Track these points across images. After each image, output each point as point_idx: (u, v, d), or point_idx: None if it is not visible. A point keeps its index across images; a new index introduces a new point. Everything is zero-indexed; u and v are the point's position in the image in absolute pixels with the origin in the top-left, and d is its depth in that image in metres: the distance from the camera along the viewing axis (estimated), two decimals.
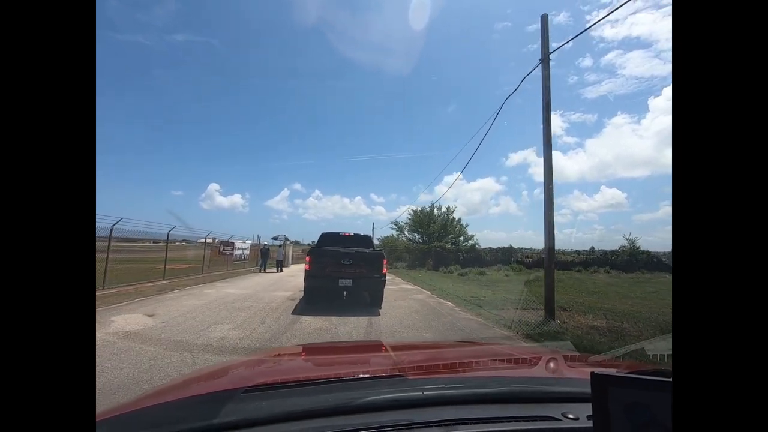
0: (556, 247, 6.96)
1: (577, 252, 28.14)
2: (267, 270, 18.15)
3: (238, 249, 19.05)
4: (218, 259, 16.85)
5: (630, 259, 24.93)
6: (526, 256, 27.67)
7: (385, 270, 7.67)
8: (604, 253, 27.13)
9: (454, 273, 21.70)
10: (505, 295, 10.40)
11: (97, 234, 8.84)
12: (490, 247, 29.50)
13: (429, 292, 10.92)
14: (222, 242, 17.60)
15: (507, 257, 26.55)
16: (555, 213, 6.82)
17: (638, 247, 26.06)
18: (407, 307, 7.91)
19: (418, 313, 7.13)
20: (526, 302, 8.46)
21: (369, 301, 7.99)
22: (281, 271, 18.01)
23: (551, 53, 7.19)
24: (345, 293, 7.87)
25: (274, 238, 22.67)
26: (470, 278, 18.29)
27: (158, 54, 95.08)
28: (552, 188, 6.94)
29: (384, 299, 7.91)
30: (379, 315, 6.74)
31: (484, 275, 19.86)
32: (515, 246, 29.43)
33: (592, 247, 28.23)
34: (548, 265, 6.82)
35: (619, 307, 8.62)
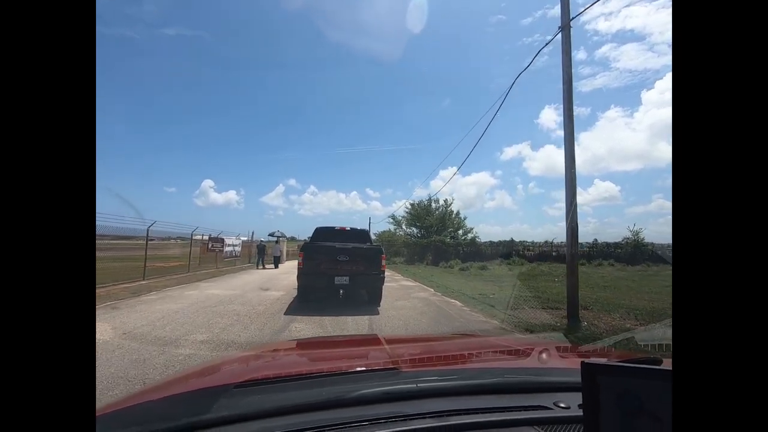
0: (556, 240, 6.28)
1: (580, 244, 27.49)
2: (265, 266, 17.64)
3: (229, 246, 18.12)
4: (207, 256, 15.94)
5: (634, 252, 24.26)
6: (528, 249, 27.09)
7: (384, 266, 6.96)
8: (607, 245, 26.42)
9: (455, 268, 20.96)
10: (514, 292, 9.66)
11: None
12: (490, 241, 28.76)
13: (432, 290, 10.15)
14: (211, 238, 16.64)
15: (508, 251, 25.78)
16: (549, 207, 6.25)
17: (642, 239, 25.37)
18: (411, 307, 7.11)
19: (425, 315, 6.33)
20: (543, 301, 7.72)
21: (367, 299, 7.23)
22: (277, 267, 17.45)
23: (572, 19, 6.36)
24: (341, 292, 7.24)
25: (271, 235, 22.06)
26: (473, 273, 17.52)
27: (152, 50, 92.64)
28: (574, 171, 6.10)
29: (384, 298, 7.20)
30: (381, 317, 5.94)
31: (487, 270, 19.09)
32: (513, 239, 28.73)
33: (595, 239, 27.49)
34: (571, 259, 6.00)
35: (638, 303, 7.90)
